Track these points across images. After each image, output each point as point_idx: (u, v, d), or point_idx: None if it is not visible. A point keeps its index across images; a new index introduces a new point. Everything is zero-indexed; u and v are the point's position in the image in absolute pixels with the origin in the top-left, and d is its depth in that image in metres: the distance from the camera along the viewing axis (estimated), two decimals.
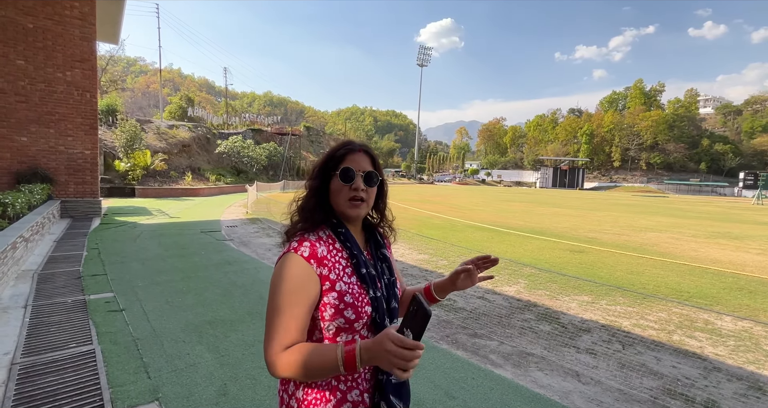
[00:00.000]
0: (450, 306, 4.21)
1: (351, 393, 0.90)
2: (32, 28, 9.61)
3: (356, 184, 0.94)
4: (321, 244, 0.92)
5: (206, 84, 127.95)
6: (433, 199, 25.11)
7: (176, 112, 40.96)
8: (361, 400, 0.90)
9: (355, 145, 0.99)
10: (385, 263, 1.02)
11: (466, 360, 2.95)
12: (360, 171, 0.95)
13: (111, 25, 13.07)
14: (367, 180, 0.96)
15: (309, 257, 0.88)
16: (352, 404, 0.90)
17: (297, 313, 0.85)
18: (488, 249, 7.66)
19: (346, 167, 0.94)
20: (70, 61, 10.16)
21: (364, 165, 0.97)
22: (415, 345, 0.71)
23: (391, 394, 0.89)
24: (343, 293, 0.89)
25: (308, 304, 0.87)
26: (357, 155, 0.97)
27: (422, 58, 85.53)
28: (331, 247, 0.94)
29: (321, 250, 0.91)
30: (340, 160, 0.96)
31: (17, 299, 3.88)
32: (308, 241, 0.92)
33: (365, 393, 0.91)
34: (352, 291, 0.90)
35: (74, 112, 10.32)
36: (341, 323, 0.88)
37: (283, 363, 0.81)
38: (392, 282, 1.01)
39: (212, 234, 8.39)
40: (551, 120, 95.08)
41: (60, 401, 2.20)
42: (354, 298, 0.89)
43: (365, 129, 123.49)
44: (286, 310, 0.84)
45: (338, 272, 0.91)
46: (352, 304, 0.89)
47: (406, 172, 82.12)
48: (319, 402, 0.88)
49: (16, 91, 9.52)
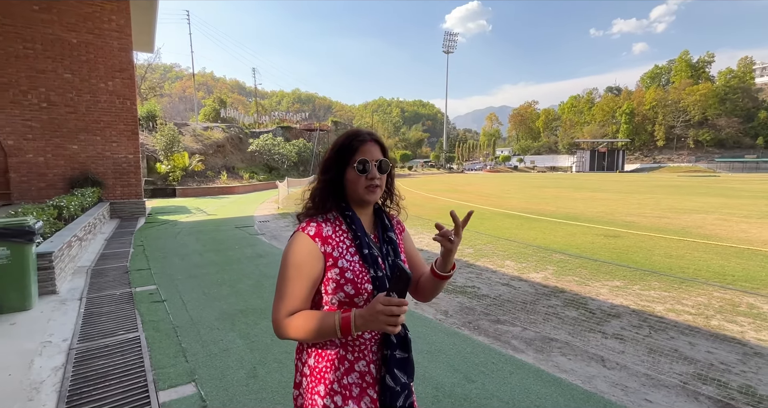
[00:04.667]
0: (474, 293, 4.21)
1: (358, 363, 0.97)
2: (76, 42, 10.31)
3: (372, 173, 1.00)
4: (327, 225, 1.00)
5: (237, 85, 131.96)
6: (462, 188, 24.76)
7: (210, 114, 42.61)
8: (368, 371, 0.98)
9: (364, 136, 1.04)
10: (390, 245, 1.06)
11: (486, 345, 2.97)
12: (374, 161, 1.01)
13: (145, 35, 13.77)
14: (380, 168, 1.02)
15: (314, 236, 0.97)
16: (359, 374, 0.97)
17: (301, 284, 0.94)
18: (516, 235, 7.52)
19: (362, 159, 0.99)
20: (111, 72, 10.84)
21: (376, 154, 1.02)
22: (400, 302, 0.83)
23: (395, 368, 0.96)
24: (344, 269, 0.96)
25: (311, 277, 0.95)
26: (368, 145, 1.02)
27: (448, 45, 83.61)
28: (338, 228, 1.01)
29: (326, 230, 0.99)
30: (354, 152, 1.01)
31: (74, 292, 4.28)
32: (315, 222, 1.00)
33: (371, 364, 0.98)
34: (353, 268, 0.97)
35: (117, 120, 11.03)
36: (342, 297, 0.96)
37: (288, 325, 0.92)
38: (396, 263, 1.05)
39: (246, 229, 8.77)
40: (587, 100, 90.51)
41: (110, 381, 2.45)
42: (355, 275, 0.96)
43: (392, 120, 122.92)
44: (291, 281, 0.94)
45: (341, 251, 0.98)
46: (352, 280, 0.95)
47: (435, 162, 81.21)
48: (329, 370, 0.97)
49: (66, 103, 10.30)
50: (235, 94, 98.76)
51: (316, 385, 0.97)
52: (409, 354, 1.00)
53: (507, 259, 5.69)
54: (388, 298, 0.83)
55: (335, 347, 0.98)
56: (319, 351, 0.99)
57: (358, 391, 0.96)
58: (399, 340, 0.98)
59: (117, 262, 5.67)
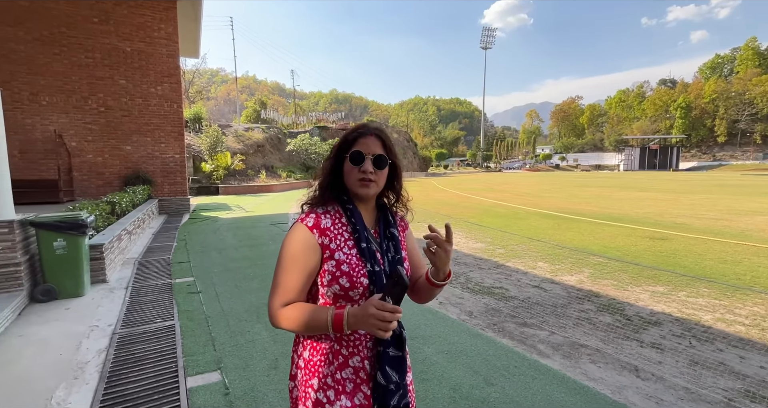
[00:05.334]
0: (501, 294, 4.09)
1: (353, 358, 0.97)
2: (130, 51, 11.11)
3: (365, 166, 0.98)
4: (326, 217, 1.00)
5: (278, 87, 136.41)
6: (499, 187, 24.11)
7: (251, 116, 44.41)
8: (362, 367, 0.97)
9: (367, 129, 1.04)
10: (392, 242, 1.05)
11: (510, 348, 2.88)
12: (369, 154, 0.99)
13: (191, 42, 14.58)
14: (376, 163, 1.00)
15: (312, 227, 0.97)
16: (353, 369, 0.96)
17: (296, 275, 0.94)
18: (551, 236, 7.21)
19: (356, 150, 0.99)
20: (160, 77, 11.57)
21: (374, 148, 1.00)
22: (393, 308, 0.82)
23: (387, 366, 0.95)
24: (341, 262, 0.95)
25: (307, 268, 0.95)
26: (368, 139, 1.01)
27: (486, 41, 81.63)
28: (337, 221, 1.01)
29: (325, 222, 0.99)
30: (352, 144, 1.01)
31: (121, 282, 4.63)
32: (314, 214, 1.01)
33: (365, 360, 0.97)
34: (349, 261, 0.96)
35: (165, 122, 11.76)
36: (337, 290, 0.95)
37: (282, 316, 0.93)
38: (397, 260, 1.03)
39: (280, 225, 9.06)
40: (637, 94, 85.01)
41: (145, 365, 2.62)
42: (351, 268, 0.95)
43: (428, 119, 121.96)
44: (287, 272, 0.94)
45: (339, 243, 0.97)
46: (347, 273, 0.95)
47: (471, 161, 79.65)
48: (323, 363, 0.97)
49: (120, 107, 11.13)
50: (275, 96, 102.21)
51: (310, 378, 0.98)
52: (403, 353, 0.99)
53: (540, 261, 5.48)
54: (382, 302, 0.81)
55: (330, 341, 0.97)
56: (314, 344, 0.99)
57: (352, 386, 0.96)
58: (393, 337, 0.96)
59: (161, 254, 6.06)
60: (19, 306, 3.56)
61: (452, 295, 4.07)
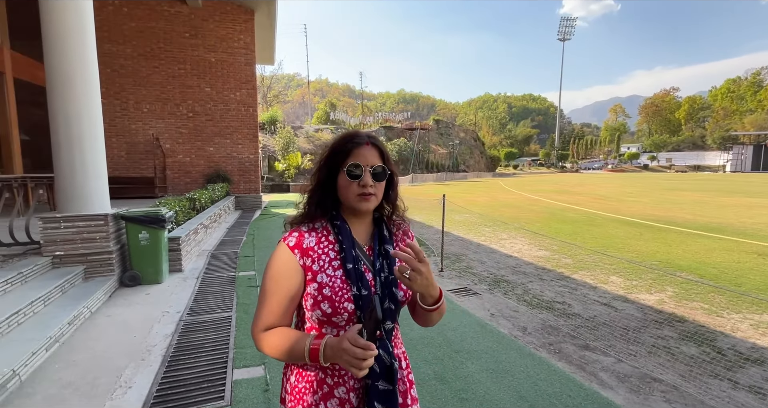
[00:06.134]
0: (562, 311, 3.73)
1: (338, 389, 0.90)
2: (214, 61, 12.24)
3: (364, 180, 0.90)
4: (311, 235, 0.93)
5: (348, 89, 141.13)
6: (574, 189, 22.27)
7: (322, 117, 46.55)
8: (347, 399, 0.89)
9: (361, 138, 0.95)
10: (386, 260, 0.95)
11: (565, 373, 2.59)
12: (368, 166, 0.91)
13: (267, 50, 15.64)
14: (375, 175, 0.92)
15: (294, 247, 0.91)
16: (339, 400, 0.89)
17: (278, 298, 0.89)
18: (631, 247, 6.42)
19: (354, 164, 0.90)
20: (238, 84, 12.59)
21: (372, 159, 0.92)
22: (365, 345, 0.72)
23: (376, 401, 0.86)
24: (323, 285, 0.88)
25: (289, 292, 0.89)
26: (364, 149, 0.92)
27: (564, 32, 76.08)
28: (323, 239, 0.94)
29: (308, 241, 0.92)
30: (347, 155, 0.92)
31: (194, 272, 5.09)
32: (298, 232, 0.94)
33: (351, 392, 0.90)
34: (333, 284, 0.89)
35: (242, 125, 12.77)
36: (319, 316, 0.89)
37: (263, 342, 0.88)
38: (391, 280, 0.94)
39: None
40: (751, 83, 72.80)
41: (200, 353, 2.83)
42: (333, 292, 0.88)
43: (498, 117, 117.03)
44: (268, 295, 0.89)
45: (322, 264, 0.91)
46: (329, 297, 0.88)
47: (544, 161, 74.79)
48: (307, 391, 0.91)
49: (205, 112, 12.32)
50: (345, 98, 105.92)
51: (296, 404, 0.93)
52: (395, 387, 0.88)
53: (613, 275, 4.91)
54: (355, 336, 0.73)
55: (315, 369, 0.91)
56: (300, 371, 0.94)
57: None
58: (383, 369, 0.87)
59: (231, 248, 6.57)
60: (110, 289, 4.09)
61: (506, 307, 3.81)
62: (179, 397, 2.28)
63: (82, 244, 4.09)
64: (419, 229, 8.53)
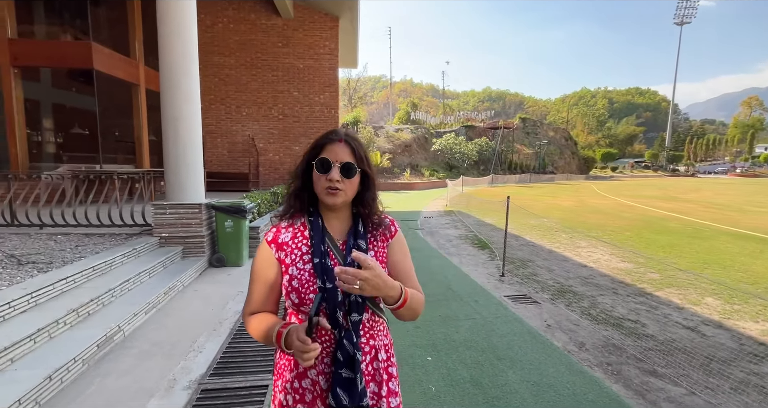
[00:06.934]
0: (632, 330, 3.34)
1: (310, 371, 0.96)
2: (302, 67, 13.27)
3: (331, 175, 0.95)
4: (288, 231, 1.01)
5: (431, 89, 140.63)
6: (685, 195, 19.28)
7: (403, 117, 47.22)
8: (317, 381, 0.97)
9: (336, 135, 1.00)
10: None
11: (618, 397, 2.35)
12: (337, 162, 0.96)
13: (350, 54, 16.43)
14: (344, 171, 0.96)
15: (271, 241, 1.00)
16: (311, 381, 0.97)
17: (258, 287, 0.99)
18: (741, 265, 5.41)
19: (322, 158, 0.96)
20: (322, 87, 13.46)
21: (342, 156, 0.96)
22: (303, 339, 0.79)
23: (338, 387, 0.91)
24: (292, 278, 0.95)
25: (268, 282, 0.99)
26: (336, 146, 0.98)
27: (682, 14, 65.89)
28: (299, 234, 1.01)
29: (284, 236, 1.00)
30: (320, 150, 0.98)
31: None
32: (276, 227, 1.02)
33: (321, 375, 0.96)
34: (301, 277, 0.94)
35: (324, 126, 13.63)
36: (290, 305, 0.96)
37: (248, 325, 0.98)
38: None
39: (408, 223, 9.44)
40: None
41: None
42: (300, 284, 0.94)
43: (595, 113, 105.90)
44: (252, 284, 1.01)
45: (294, 258, 0.97)
46: (297, 289, 0.94)
47: (651, 162, 65.73)
48: (286, 369, 1.01)
49: (293, 115, 13.43)
50: (428, 98, 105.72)
51: (277, 379, 1.03)
52: (356, 376, 0.92)
53: (710, 296, 4.22)
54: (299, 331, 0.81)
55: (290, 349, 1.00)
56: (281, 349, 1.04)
57: (311, 397, 0.97)
58: (346, 358, 0.92)
59: None
60: (201, 268, 4.77)
61: (566, 319, 3.54)
62: (237, 365, 2.61)
63: (181, 228, 4.84)
64: (488, 231, 8.25)
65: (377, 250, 1.05)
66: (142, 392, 2.25)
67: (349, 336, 0.94)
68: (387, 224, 1.09)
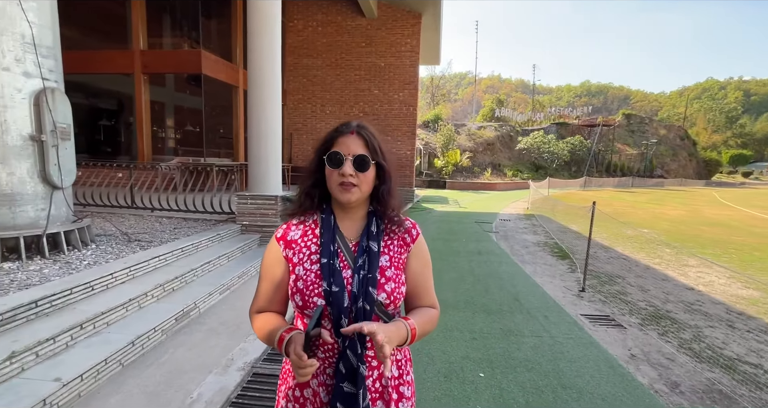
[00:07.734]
0: (748, 374, 2.68)
1: (312, 380, 0.91)
2: (383, 65, 13.46)
3: (344, 169, 0.89)
4: (299, 228, 0.97)
5: (521, 84, 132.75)
6: None
7: (487, 115, 45.30)
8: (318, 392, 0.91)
9: (348, 127, 0.94)
10: (368, 257, 0.91)
11: None
12: (349, 155, 0.89)
13: (432, 50, 16.22)
14: (357, 164, 0.89)
15: (279, 238, 0.96)
16: (312, 392, 0.92)
17: (265, 285, 0.96)
18: None
19: (333, 152, 0.90)
20: (402, 85, 13.50)
21: (354, 148, 0.90)
22: (299, 354, 0.74)
23: (339, 402, 0.85)
24: (298, 278, 0.90)
25: (274, 281, 0.95)
26: (348, 138, 0.91)
27: None
28: (309, 232, 0.96)
29: (293, 234, 0.96)
30: (331, 144, 0.93)
31: None
32: (287, 224, 0.99)
33: (322, 386, 0.91)
34: (306, 278, 0.90)
35: (402, 123, 13.69)
36: (295, 306, 0.92)
37: (253, 323, 0.96)
38: (369, 279, 0.89)
39: (483, 225, 9.00)
40: None
41: None
42: (305, 285, 0.89)
43: (724, 109, 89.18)
44: (261, 281, 0.98)
45: (302, 257, 0.93)
46: (302, 290, 0.89)
47: None
48: (290, 375, 0.96)
49: (373, 112, 13.72)
50: (518, 93, 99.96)
51: (281, 384, 1.00)
52: (359, 391, 0.85)
53: None
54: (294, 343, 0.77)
55: None
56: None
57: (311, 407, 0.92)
58: (348, 371, 0.85)
59: None
60: None
61: (657, 350, 2.99)
62: None
63: (259, 217, 5.24)
64: (571, 239, 7.46)
65: (392, 254, 0.96)
66: (203, 367, 2.45)
67: (353, 346, 0.86)
68: (407, 227, 0.99)
